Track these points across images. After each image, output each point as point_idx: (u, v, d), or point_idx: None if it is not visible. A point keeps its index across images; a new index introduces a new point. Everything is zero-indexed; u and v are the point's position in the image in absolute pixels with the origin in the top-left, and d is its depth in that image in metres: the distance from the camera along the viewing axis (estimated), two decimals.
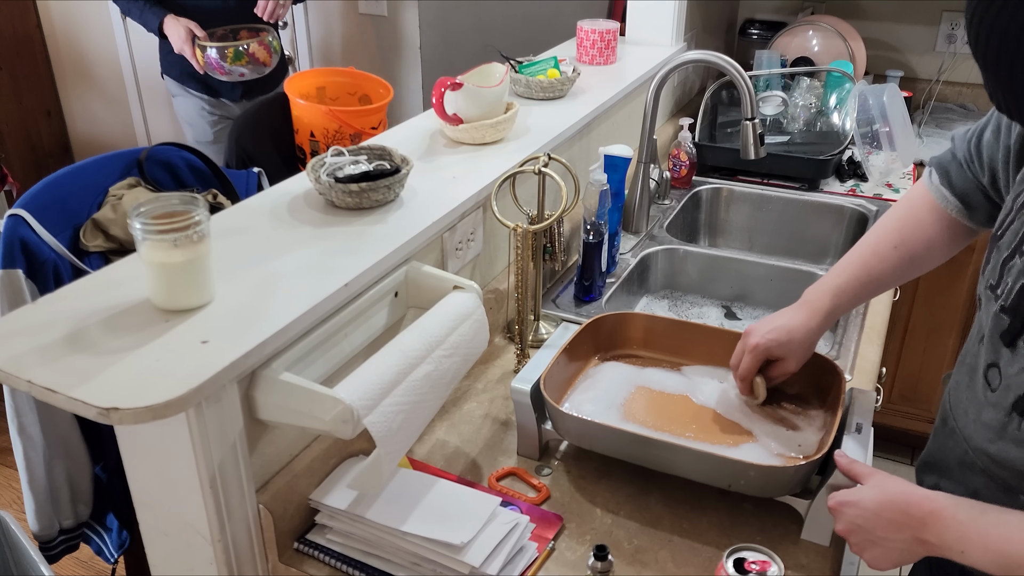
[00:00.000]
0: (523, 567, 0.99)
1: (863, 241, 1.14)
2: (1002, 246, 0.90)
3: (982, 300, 0.95)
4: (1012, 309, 0.86)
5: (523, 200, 1.40)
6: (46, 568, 1.51)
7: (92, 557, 2.22)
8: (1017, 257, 0.87)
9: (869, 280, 1.11)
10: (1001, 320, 0.88)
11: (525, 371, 1.16)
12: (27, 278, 1.42)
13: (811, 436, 1.12)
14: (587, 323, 1.26)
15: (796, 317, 1.12)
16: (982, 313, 0.94)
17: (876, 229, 1.13)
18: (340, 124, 1.87)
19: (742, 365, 1.15)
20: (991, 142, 1.02)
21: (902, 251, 1.10)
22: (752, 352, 1.13)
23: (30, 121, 3.47)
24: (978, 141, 1.05)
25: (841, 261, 1.14)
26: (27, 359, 0.87)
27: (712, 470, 1.05)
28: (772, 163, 2.11)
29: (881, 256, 1.11)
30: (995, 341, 0.89)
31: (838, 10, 2.69)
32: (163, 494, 0.96)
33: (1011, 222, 0.90)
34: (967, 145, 1.07)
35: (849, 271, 1.12)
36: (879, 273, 1.11)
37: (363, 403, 0.91)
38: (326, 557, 1.03)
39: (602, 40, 2.03)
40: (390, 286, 1.15)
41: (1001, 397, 0.88)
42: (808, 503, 1.03)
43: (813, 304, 1.12)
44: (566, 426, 1.13)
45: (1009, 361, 0.87)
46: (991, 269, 0.92)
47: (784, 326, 1.12)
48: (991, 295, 0.90)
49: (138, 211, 0.91)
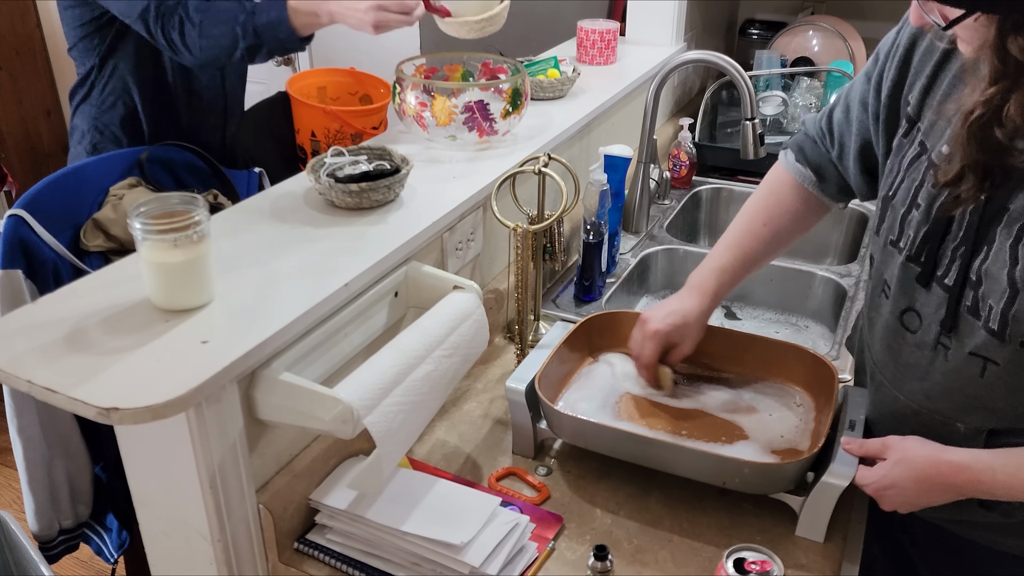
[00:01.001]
0: (523, 567, 0.99)
1: (735, 224, 1.22)
2: (896, 204, 1.00)
3: (878, 256, 1.06)
4: (919, 255, 0.96)
5: (523, 200, 1.40)
6: (46, 568, 1.51)
7: (92, 557, 2.22)
8: (914, 210, 0.97)
9: (746, 258, 1.20)
10: (909, 268, 0.98)
11: (520, 370, 1.17)
12: (27, 278, 1.42)
13: (804, 433, 1.13)
14: (581, 322, 1.27)
15: (688, 301, 1.19)
16: (881, 267, 1.04)
17: (745, 211, 1.23)
18: (341, 124, 1.87)
19: (644, 352, 1.19)
20: (840, 120, 1.15)
21: (771, 227, 1.20)
22: (653, 338, 1.17)
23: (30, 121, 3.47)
24: (828, 121, 1.17)
25: (718, 244, 1.22)
26: (27, 359, 0.87)
27: (706, 468, 1.06)
28: (772, 163, 2.11)
29: (754, 234, 1.20)
30: (908, 287, 0.99)
31: (838, 10, 2.69)
32: (163, 494, 0.96)
33: (901, 181, 1.00)
34: (818, 125, 1.20)
35: (728, 253, 1.20)
36: (754, 250, 1.20)
37: (363, 403, 0.91)
38: (326, 557, 1.03)
39: (602, 40, 2.03)
40: (390, 286, 1.15)
41: (924, 335, 0.98)
42: (802, 500, 1.03)
43: (701, 287, 1.19)
44: (560, 424, 1.13)
45: (925, 301, 0.97)
46: (888, 227, 1.01)
47: (679, 310, 1.18)
48: (893, 249, 1.01)
49: (138, 211, 0.91)
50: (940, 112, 0.95)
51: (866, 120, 1.10)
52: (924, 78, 0.98)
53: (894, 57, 1.02)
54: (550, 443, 1.21)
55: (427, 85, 1.47)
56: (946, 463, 0.94)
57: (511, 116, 1.48)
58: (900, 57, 1.01)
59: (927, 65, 0.98)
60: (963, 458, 0.94)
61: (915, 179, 0.98)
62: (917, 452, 0.97)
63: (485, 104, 1.44)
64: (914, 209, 0.97)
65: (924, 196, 0.96)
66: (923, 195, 0.96)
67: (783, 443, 1.12)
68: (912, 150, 0.99)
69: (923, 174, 0.96)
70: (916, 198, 0.97)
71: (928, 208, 0.95)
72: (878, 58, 1.07)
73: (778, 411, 1.18)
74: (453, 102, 1.44)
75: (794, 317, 1.72)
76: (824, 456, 1.04)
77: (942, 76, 0.96)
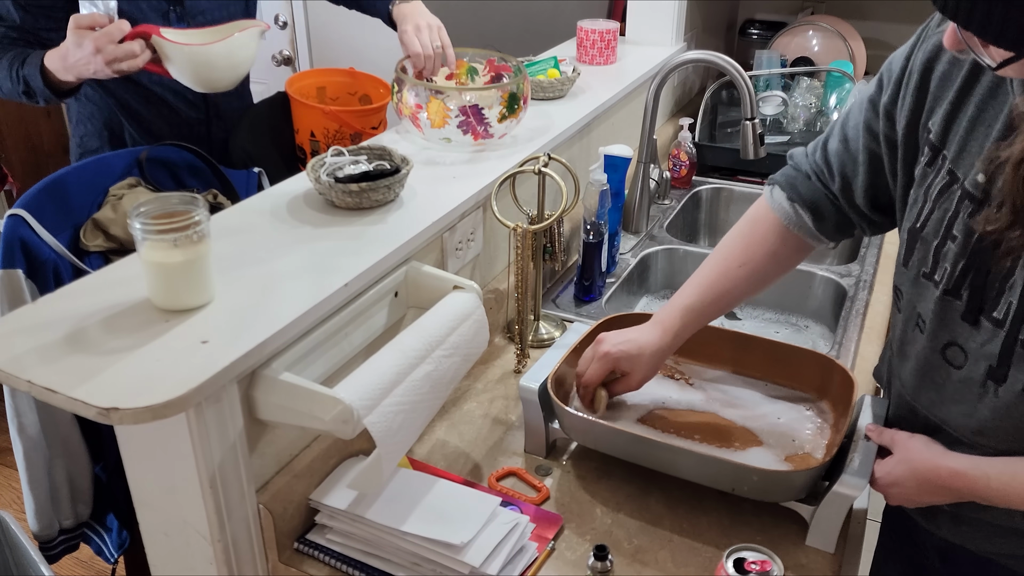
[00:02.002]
0: (523, 567, 0.99)
1: (710, 261, 1.16)
2: (927, 236, 0.96)
3: (909, 288, 1.00)
4: (958, 289, 0.92)
5: (523, 200, 1.40)
6: (46, 568, 1.51)
7: (92, 557, 2.22)
8: (949, 242, 0.93)
9: (717, 299, 1.14)
10: (949, 302, 0.94)
11: (533, 370, 1.17)
12: (27, 278, 1.42)
13: (820, 442, 1.13)
14: (597, 324, 1.26)
15: (648, 334, 1.14)
16: (914, 300, 0.99)
17: (722, 248, 1.16)
18: (340, 124, 1.86)
19: (589, 371, 1.15)
20: (839, 151, 1.08)
21: (747, 268, 1.14)
22: (602, 360, 1.14)
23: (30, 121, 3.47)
24: (823, 153, 1.11)
25: (690, 281, 1.16)
26: (27, 359, 0.87)
27: (715, 473, 1.05)
28: (772, 163, 2.10)
29: (729, 275, 1.14)
30: (950, 322, 0.94)
31: (838, 10, 2.69)
32: (163, 494, 0.96)
33: (930, 212, 0.95)
34: (811, 160, 1.13)
35: (698, 292, 1.15)
36: (727, 291, 1.14)
37: (363, 403, 0.91)
38: (326, 557, 1.03)
39: (602, 40, 2.03)
40: (390, 286, 1.15)
41: (971, 371, 0.94)
42: (813, 509, 1.03)
43: (664, 323, 1.15)
44: (571, 425, 1.13)
45: (970, 336, 0.93)
46: (920, 259, 0.97)
47: (636, 340, 1.14)
48: (928, 282, 0.96)
49: (138, 211, 0.91)
50: (969, 140, 0.91)
51: (876, 149, 1.04)
52: (947, 104, 0.93)
53: (908, 84, 0.98)
54: (563, 444, 1.21)
55: (422, 87, 1.47)
56: (945, 468, 0.94)
57: (508, 120, 1.47)
58: (916, 84, 0.96)
59: (947, 91, 0.93)
60: (962, 464, 0.93)
61: (947, 209, 0.93)
62: (920, 454, 0.97)
63: (479, 108, 1.44)
64: (949, 241, 0.93)
65: (959, 228, 0.92)
66: (958, 226, 0.92)
67: (798, 451, 1.11)
68: (939, 179, 0.94)
69: (956, 204, 0.92)
70: (951, 229, 0.93)
71: (965, 240, 0.91)
72: (883, 84, 1.02)
73: (795, 419, 1.18)
74: (448, 105, 1.44)
75: (794, 317, 1.72)
76: (838, 466, 1.03)
77: (967, 102, 0.91)
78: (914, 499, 0.99)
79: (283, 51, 2.95)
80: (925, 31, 0.97)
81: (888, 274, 1.70)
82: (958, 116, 0.92)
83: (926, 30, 0.97)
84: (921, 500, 0.99)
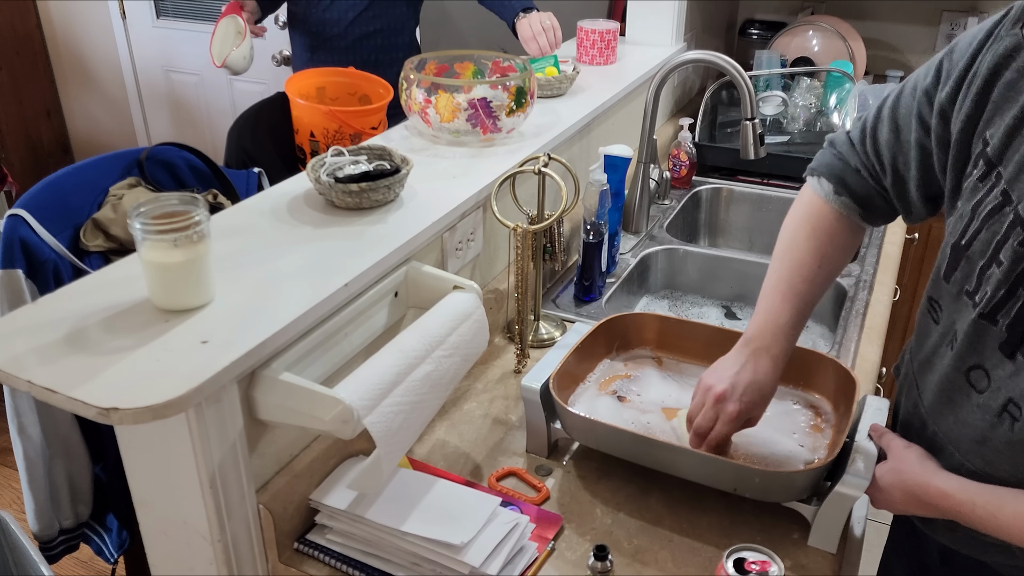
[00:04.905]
0: (523, 567, 0.99)
1: (785, 268, 1.07)
2: (973, 255, 0.90)
3: (948, 304, 0.95)
4: (993, 315, 0.88)
5: (523, 200, 1.40)
6: (46, 568, 1.51)
7: (92, 557, 2.22)
8: (994, 266, 0.87)
9: (806, 307, 1.07)
10: (984, 326, 0.89)
11: (535, 370, 1.17)
12: (27, 278, 1.42)
13: (822, 442, 1.12)
14: (599, 324, 1.26)
15: (760, 369, 1.05)
16: (953, 316, 0.94)
17: (790, 252, 1.08)
18: (340, 124, 1.86)
19: (716, 432, 1.05)
20: (891, 142, 1.00)
21: (826, 267, 1.08)
22: (732, 421, 1.04)
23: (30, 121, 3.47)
24: (874, 143, 1.03)
25: (772, 295, 1.07)
26: (27, 359, 0.87)
27: (717, 473, 1.05)
28: (772, 163, 2.12)
29: (812, 280, 1.07)
30: (980, 345, 0.90)
31: (838, 10, 2.69)
32: (163, 494, 0.96)
33: (977, 231, 0.89)
34: (863, 150, 1.05)
35: (789, 306, 1.06)
36: (814, 296, 1.08)
37: (363, 403, 0.91)
38: (326, 557, 1.03)
39: (602, 40, 2.03)
40: (390, 286, 1.15)
41: (990, 399, 0.90)
42: (815, 509, 1.02)
43: (771, 351, 1.05)
44: (573, 425, 1.13)
45: (998, 364, 0.88)
46: (963, 276, 0.92)
47: (754, 384, 1.04)
48: (968, 300, 0.91)
49: (138, 211, 0.91)
50: None
51: (928, 143, 0.96)
52: (1010, 119, 0.85)
53: (971, 85, 0.89)
54: (564, 444, 1.21)
55: (433, 82, 1.47)
56: (934, 487, 0.93)
57: (515, 114, 1.48)
58: (979, 87, 0.88)
59: (1012, 103, 0.85)
60: (951, 486, 0.91)
61: (996, 232, 0.87)
62: (912, 467, 0.96)
63: (489, 102, 1.44)
64: (994, 265, 0.87)
65: (1007, 254, 0.86)
66: (1006, 252, 0.86)
67: (802, 452, 1.11)
68: (991, 199, 0.87)
69: (1007, 229, 0.86)
70: (998, 254, 0.87)
71: (1011, 267, 0.85)
72: (941, 77, 0.94)
73: (796, 419, 1.17)
74: (457, 99, 1.44)
75: None
76: (840, 466, 1.02)
77: None
78: (899, 508, 0.98)
79: (283, 51, 2.94)
80: (999, 28, 0.88)
81: (888, 274, 1.70)
82: (1021, 132, 0.84)
83: (999, 27, 0.88)
84: (906, 511, 0.98)
